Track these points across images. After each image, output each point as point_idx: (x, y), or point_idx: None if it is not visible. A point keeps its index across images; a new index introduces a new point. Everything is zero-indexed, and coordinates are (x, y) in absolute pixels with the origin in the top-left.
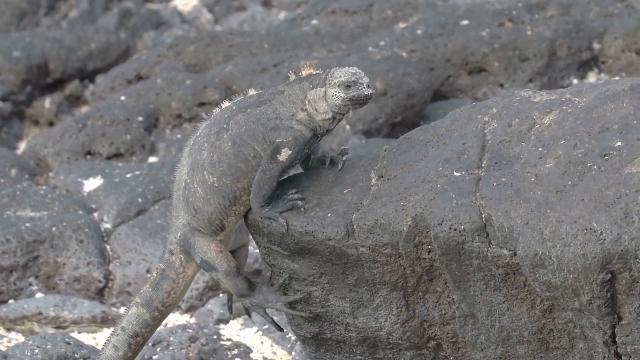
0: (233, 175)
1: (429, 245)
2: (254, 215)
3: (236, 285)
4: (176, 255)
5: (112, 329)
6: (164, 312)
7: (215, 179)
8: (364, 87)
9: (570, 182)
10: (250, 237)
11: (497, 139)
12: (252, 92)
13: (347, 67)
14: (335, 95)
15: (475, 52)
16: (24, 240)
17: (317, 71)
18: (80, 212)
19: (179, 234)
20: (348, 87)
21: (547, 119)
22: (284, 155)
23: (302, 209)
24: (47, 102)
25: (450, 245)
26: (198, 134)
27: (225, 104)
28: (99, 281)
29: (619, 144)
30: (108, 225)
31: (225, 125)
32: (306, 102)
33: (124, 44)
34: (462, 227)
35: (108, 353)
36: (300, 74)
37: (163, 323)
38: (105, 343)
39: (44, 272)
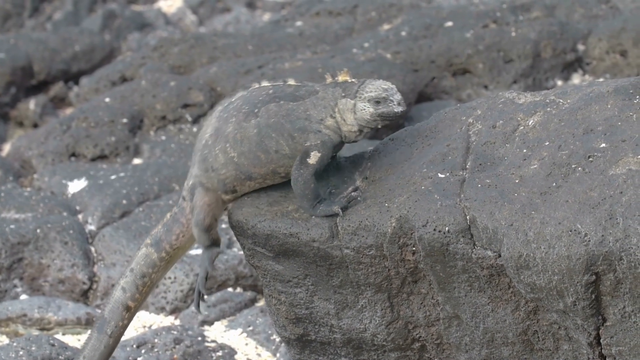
0: (251, 160)
1: (414, 246)
2: (237, 216)
3: (199, 237)
4: (187, 201)
5: None
6: (171, 255)
7: (235, 154)
8: (394, 105)
9: (554, 184)
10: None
11: (481, 141)
12: (291, 81)
13: (380, 81)
14: (365, 109)
15: (459, 53)
16: (8, 242)
17: (352, 80)
18: (65, 213)
19: (191, 182)
20: (378, 102)
21: (531, 121)
22: (314, 158)
23: (359, 198)
24: (32, 104)
25: (435, 246)
26: (232, 100)
27: (265, 83)
28: (84, 283)
29: (603, 145)
30: (92, 227)
31: (256, 110)
32: (336, 110)
33: (108, 46)
34: (447, 228)
35: (117, 295)
36: (336, 78)
37: (147, 324)
38: (114, 286)
39: (29, 274)
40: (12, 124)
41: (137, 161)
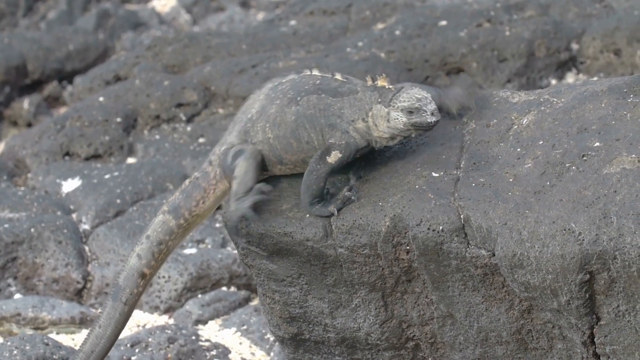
0: (284, 145)
1: (408, 245)
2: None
3: (247, 172)
4: (213, 167)
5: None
6: (190, 222)
7: (272, 136)
8: (427, 115)
9: (548, 183)
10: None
11: (475, 140)
12: (338, 76)
13: (415, 90)
14: (398, 119)
15: (453, 52)
16: (2, 242)
17: (390, 86)
18: (59, 213)
19: (223, 148)
20: (411, 112)
21: (525, 120)
22: (334, 157)
23: (353, 198)
24: (26, 103)
25: (429, 245)
26: (283, 81)
27: (315, 72)
28: (78, 282)
29: (597, 144)
30: (86, 226)
31: (298, 98)
32: (369, 114)
33: (102, 45)
34: (441, 227)
35: (132, 262)
36: (376, 82)
37: (141, 324)
38: (130, 254)
39: (23, 273)
40: (6, 123)
41: (131, 160)
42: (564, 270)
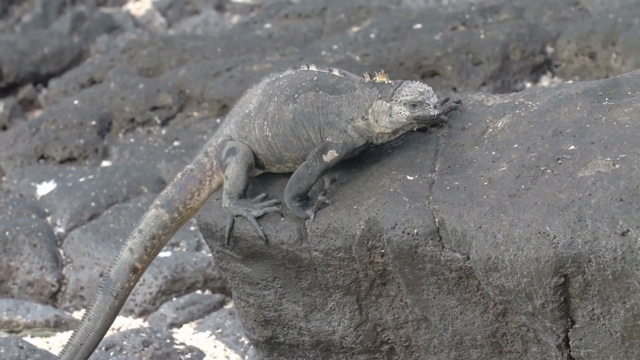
0: (284, 143)
1: (382, 249)
2: (206, 218)
3: (238, 177)
4: (210, 158)
5: (65, 333)
6: (184, 216)
7: (270, 134)
8: (430, 108)
9: (523, 186)
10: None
11: (450, 143)
12: (336, 72)
13: (417, 84)
14: (400, 113)
15: (428, 55)
16: None
17: (389, 81)
18: (34, 216)
19: (220, 140)
20: (414, 106)
21: (500, 123)
22: (330, 156)
23: (327, 202)
24: (0, 107)
25: (404, 249)
26: (280, 77)
27: (313, 67)
28: (52, 285)
29: (572, 147)
30: (61, 230)
31: (296, 95)
32: (369, 111)
33: (77, 48)
34: (415, 231)
35: (124, 256)
36: (374, 78)
37: (116, 327)
38: (122, 247)
39: None
40: None
41: (105, 163)
42: (539, 273)
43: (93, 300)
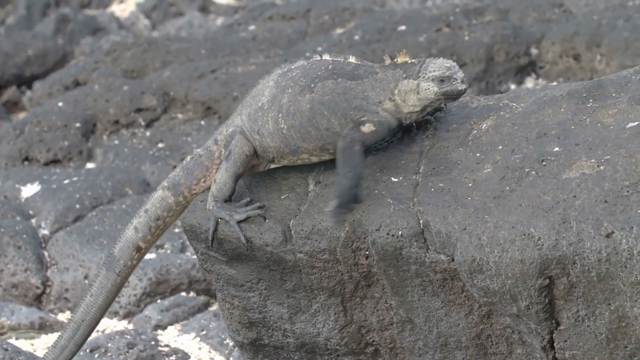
0: (301, 134)
1: (367, 251)
2: (191, 220)
3: (225, 184)
4: (219, 146)
5: (50, 335)
6: (188, 200)
7: (285, 126)
8: (458, 82)
9: (508, 188)
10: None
11: (434, 144)
12: (352, 59)
13: (441, 59)
14: (429, 89)
15: (412, 57)
16: None
17: (412, 60)
18: (18, 218)
19: (230, 130)
20: (442, 81)
21: (484, 125)
22: (368, 128)
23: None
24: None
25: (388, 251)
26: (292, 68)
27: (326, 56)
28: (37, 287)
29: (556, 149)
30: (46, 232)
31: (312, 85)
32: (395, 92)
33: (61, 50)
34: (400, 232)
35: (128, 234)
36: (395, 60)
37: (100, 329)
38: (127, 226)
39: None
40: None
41: (90, 165)
42: (524, 275)
43: (96, 277)
